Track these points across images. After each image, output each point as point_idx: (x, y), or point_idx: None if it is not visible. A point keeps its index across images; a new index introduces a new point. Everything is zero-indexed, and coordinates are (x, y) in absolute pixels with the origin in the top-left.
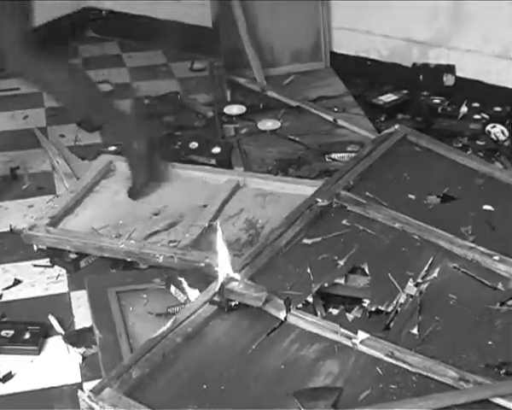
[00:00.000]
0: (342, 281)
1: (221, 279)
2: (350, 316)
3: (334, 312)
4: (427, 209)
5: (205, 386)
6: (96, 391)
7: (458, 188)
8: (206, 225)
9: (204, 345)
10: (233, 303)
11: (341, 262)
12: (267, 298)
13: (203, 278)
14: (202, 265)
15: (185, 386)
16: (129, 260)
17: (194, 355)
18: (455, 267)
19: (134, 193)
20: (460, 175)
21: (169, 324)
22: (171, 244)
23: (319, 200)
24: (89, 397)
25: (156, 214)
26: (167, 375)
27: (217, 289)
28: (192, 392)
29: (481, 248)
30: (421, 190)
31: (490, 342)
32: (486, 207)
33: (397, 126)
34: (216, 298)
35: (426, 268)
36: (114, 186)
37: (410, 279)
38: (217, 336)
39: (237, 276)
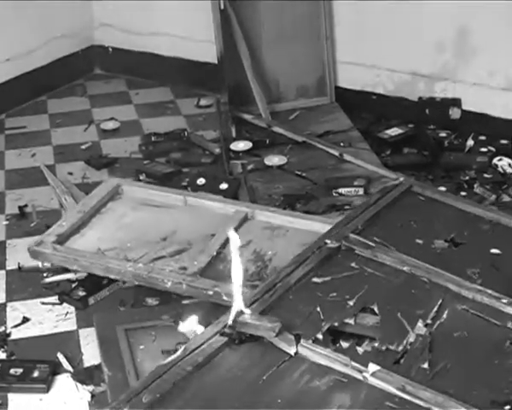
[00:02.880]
0: (352, 321)
1: (234, 312)
2: (360, 350)
3: (344, 345)
4: (434, 253)
5: None
6: None
7: (465, 233)
8: (215, 253)
9: (214, 375)
10: (243, 336)
11: (351, 302)
12: (280, 330)
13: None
14: (210, 293)
15: None
16: (136, 283)
17: (204, 385)
18: (464, 309)
19: None
20: (466, 221)
21: (179, 352)
22: (181, 271)
23: (328, 241)
24: None
25: (164, 239)
26: (178, 402)
27: (229, 322)
28: None
29: (489, 291)
30: (428, 236)
31: (500, 380)
32: (494, 250)
33: (402, 179)
34: (227, 330)
35: (435, 310)
36: (121, 209)
37: (420, 320)
38: (227, 367)
39: (248, 311)
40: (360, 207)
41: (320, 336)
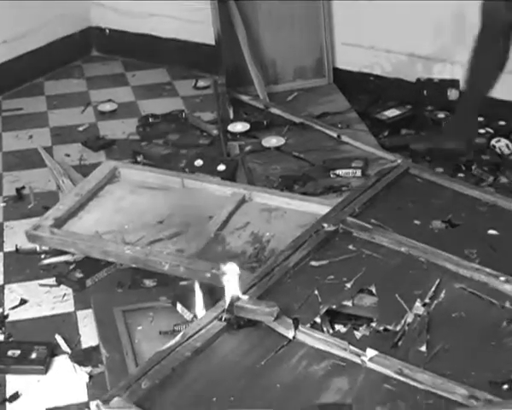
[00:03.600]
0: (350, 303)
1: (229, 297)
2: (358, 334)
3: (342, 330)
4: (432, 234)
5: (214, 399)
6: (105, 400)
7: (462, 215)
8: (212, 235)
9: (213, 360)
10: (242, 321)
11: (348, 285)
12: (278, 314)
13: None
14: (208, 275)
15: (195, 399)
16: (134, 266)
17: (202, 369)
18: (461, 288)
19: None
20: (463, 203)
21: (178, 338)
22: (178, 253)
23: (325, 225)
24: (97, 406)
25: (161, 222)
26: (177, 387)
27: (226, 306)
28: (201, 404)
29: (487, 270)
30: (425, 217)
31: (498, 360)
32: (491, 231)
33: (399, 160)
34: (225, 315)
35: (433, 289)
36: (119, 192)
37: (418, 299)
38: (225, 352)
39: (244, 297)
40: (357, 189)
41: (318, 320)
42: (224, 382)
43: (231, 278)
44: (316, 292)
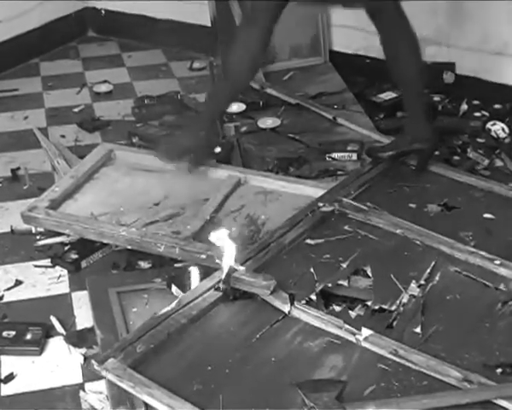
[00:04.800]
0: (345, 283)
1: (226, 267)
2: (352, 314)
3: (337, 309)
4: (427, 217)
5: (209, 367)
6: (100, 361)
7: (458, 199)
8: (208, 218)
9: (208, 329)
10: (237, 293)
11: (344, 265)
12: (275, 288)
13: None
14: (204, 257)
15: (190, 365)
16: (129, 247)
17: (198, 337)
18: (456, 271)
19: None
20: (459, 188)
21: (173, 304)
22: (174, 235)
23: (321, 204)
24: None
25: (157, 204)
26: (172, 353)
27: (222, 277)
28: (196, 371)
29: (482, 253)
30: (421, 200)
31: (492, 343)
32: (487, 215)
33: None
34: (221, 285)
35: (428, 271)
36: (114, 174)
37: (413, 281)
38: (221, 322)
39: (241, 268)
40: (353, 174)
41: (313, 297)
42: (218, 352)
43: (227, 245)
44: (311, 270)
